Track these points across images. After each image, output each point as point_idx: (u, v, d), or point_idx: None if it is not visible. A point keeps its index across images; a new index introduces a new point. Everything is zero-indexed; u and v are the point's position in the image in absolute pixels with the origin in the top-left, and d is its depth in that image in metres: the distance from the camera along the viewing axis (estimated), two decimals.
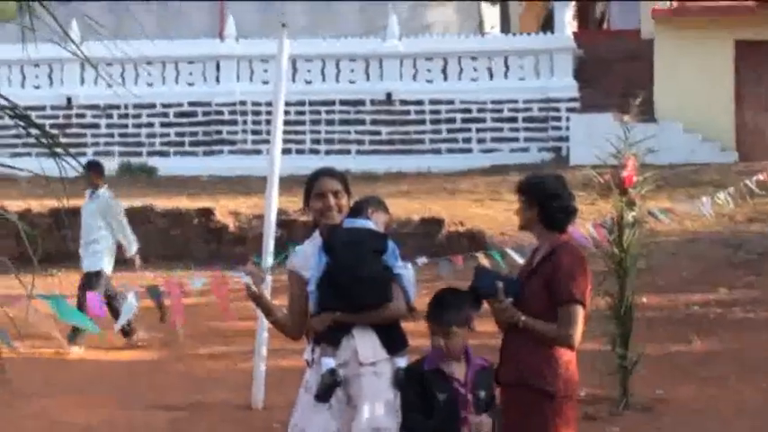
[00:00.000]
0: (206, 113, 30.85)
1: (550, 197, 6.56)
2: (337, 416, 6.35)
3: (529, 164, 26.41)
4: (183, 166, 29.68)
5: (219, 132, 30.72)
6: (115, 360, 13.25)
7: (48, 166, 16.25)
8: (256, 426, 10.93)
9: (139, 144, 30.99)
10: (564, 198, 6.61)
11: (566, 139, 28.34)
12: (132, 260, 15.20)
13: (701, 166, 24.36)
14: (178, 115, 31.03)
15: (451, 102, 29.65)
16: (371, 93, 30.08)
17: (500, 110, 29.49)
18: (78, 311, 8.71)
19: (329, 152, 28.91)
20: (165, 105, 31.06)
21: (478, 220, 21.04)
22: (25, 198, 15.45)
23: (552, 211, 6.55)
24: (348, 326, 6.44)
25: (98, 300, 8.34)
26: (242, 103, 30.65)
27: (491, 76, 29.76)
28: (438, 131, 29.70)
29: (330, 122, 30.06)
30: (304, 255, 6.76)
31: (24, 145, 26.40)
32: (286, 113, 12.13)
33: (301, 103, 29.02)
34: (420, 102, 29.81)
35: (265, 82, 29.62)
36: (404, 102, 29.86)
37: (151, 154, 30.69)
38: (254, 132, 30.05)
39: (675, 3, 31.61)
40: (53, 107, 30.42)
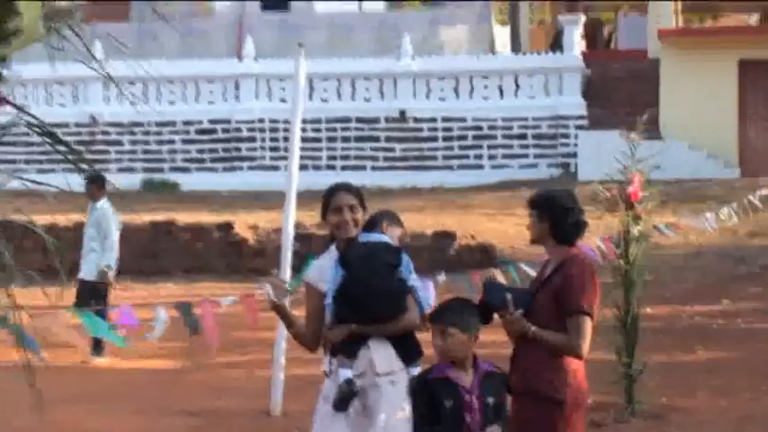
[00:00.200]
0: (226, 131, 30.96)
1: (562, 212, 6.57)
2: (354, 425, 6.34)
3: (538, 179, 26.48)
4: (204, 182, 29.90)
5: (239, 149, 30.83)
6: (138, 368, 13.26)
7: (73, 182, 16.37)
8: (275, 431, 10.93)
9: (161, 160, 31.14)
10: (575, 213, 6.60)
11: (574, 156, 28.40)
12: (103, 271, 14.72)
13: (705, 182, 24.36)
14: (199, 132, 31.15)
15: (463, 119, 29.71)
16: (386, 111, 30.16)
17: (510, 127, 29.51)
18: (107, 325, 8.67)
19: (345, 168, 29.00)
20: (187, 123, 31.18)
21: (489, 234, 21.11)
22: (52, 212, 15.52)
23: (563, 226, 6.57)
24: (364, 337, 6.43)
25: (128, 310, 8.32)
26: (260, 121, 30.75)
27: (501, 95, 29.80)
28: (450, 148, 29.74)
29: (346, 139, 30.16)
30: (320, 268, 6.74)
31: (50, 161, 26.53)
32: (303, 131, 12.19)
33: (318, 121, 29.11)
34: (433, 119, 29.86)
35: (283, 100, 29.76)
36: (417, 119, 29.93)
37: (173, 170, 30.86)
38: (272, 149, 30.14)
39: (681, 22, 31.77)
40: (78, 124, 30.57)
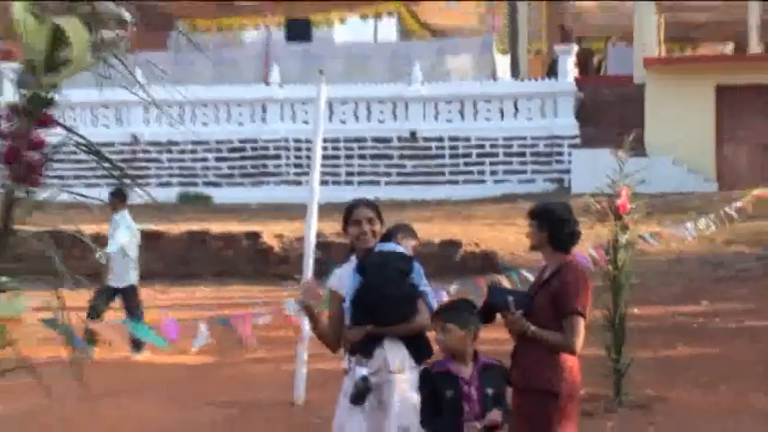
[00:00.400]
0: (254, 149, 30.95)
1: (559, 222, 6.61)
2: (370, 418, 6.37)
3: (536, 193, 26.40)
4: (234, 195, 29.87)
5: (265, 166, 30.83)
6: (176, 363, 13.26)
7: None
8: (298, 420, 10.92)
9: (196, 176, 31.15)
10: (570, 223, 6.65)
11: (568, 172, 28.31)
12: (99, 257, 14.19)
13: (686, 195, 24.32)
14: (230, 150, 31.13)
15: (468, 139, 29.65)
16: (398, 131, 30.12)
17: (510, 146, 29.43)
18: (148, 328, 8.65)
19: (361, 183, 29.01)
20: (219, 142, 31.17)
21: (491, 242, 21.04)
22: (97, 222, 15.65)
23: (560, 235, 6.60)
24: (379, 337, 6.44)
25: (172, 323, 8.27)
26: (285, 141, 30.74)
27: (502, 117, 29.73)
28: (456, 165, 29.69)
29: (362, 157, 30.12)
30: (340, 276, 6.75)
31: (96, 176, 26.49)
32: (324, 149, 12.15)
33: (337, 140, 29.09)
34: (440, 139, 29.81)
35: (305, 122, 29.68)
36: (426, 139, 29.87)
37: (206, 184, 30.88)
38: (295, 165, 30.12)
39: (664, 51, 31.72)
40: (121, 143, 30.57)
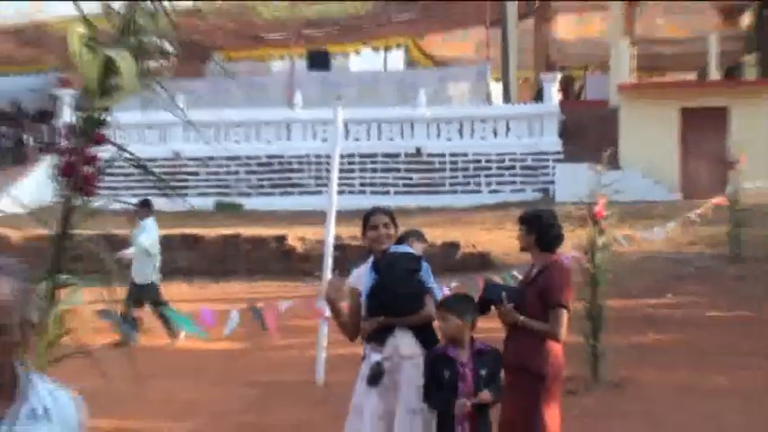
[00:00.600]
0: (279, 163, 31.04)
1: (546, 227, 6.70)
2: (384, 398, 6.42)
3: (524, 201, 26.31)
4: (263, 203, 29.99)
5: (290, 178, 30.91)
6: (212, 349, 13.17)
7: (159, 203, 16.44)
8: (319, 398, 10.98)
9: (229, 187, 31.19)
10: (556, 228, 6.75)
11: (552, 183, 28.37)
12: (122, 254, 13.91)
13: (654, 203, 24.27)
14: (259, 165, 31.21)
15: (466, 154, 29.74)
16: (405, 147, 30.18)
17: (502, 160, 29.52)
18: (184, 318, 8.60)
19: (373, 192, 28.99)
20: (249, 157, 31.24)
21: (487, 244, 21.05)
22: None
23: (547, 238, 6.69)
24: (391, 327, 6.48)
25: (209, 312, 8.30)
26: (306, 156, 30.81)
27: (495, 135, 29.81)
28: (455, 177, 29.78)
29: (374, 170, 30.22)
30: (358, 274, 6.79)
31: (142, 188, 26.51)
32: (340, 163, 12.28)
33: (352, 156, 29.13)
34: (442, 154, 29.90)
35: (324, 140, 29.90)
36: (430, 154, 29.94)
37: (238, 194, 30.95)
38: (316, 178, 30.19)
39: (635, 78, 31.81)
40: (164, 159, 30.53)
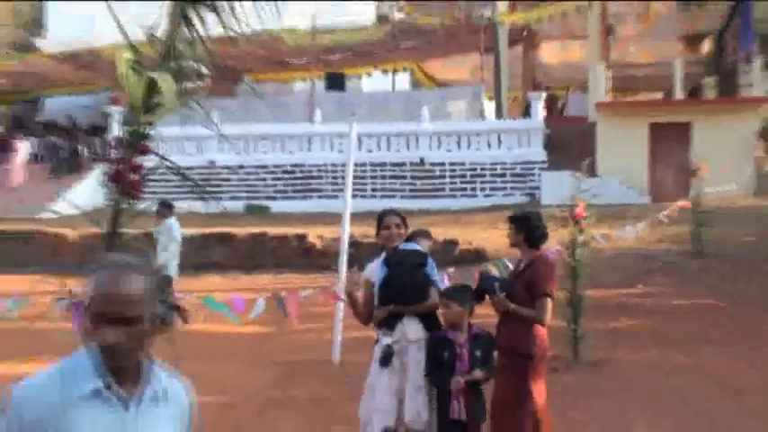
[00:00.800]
0: (302, 171, 31.04)
1: (534, 226, 6.76)
2: (394, 377, 6.45)
3: (514, 204, 26.28)
4: (287, 206, 30.02)
5: (310, 184, 30.92)
6: (241, 333, 12.94)
7: (196, 206, 16.70)
8: (335, 376, 11.03)
9: (258, 191, 31.19)
10: (541, 227, 6.81)
11: (538, 188, 28.33)
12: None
13: (627, 206, 24.19)
14: (283, 173, 31.21)
15: (463, 163, 29.75)
16: (410, 158, 30.18)
17: (495, 168, 29.51)
18: (222, 304, 8.60)
19: (382, 196, 28.96)
20: (275, 166, 31.24)
21: (481, 241, 21.02)
22: (183, 227, 15.75)
23: (534, 236, 6.75)
24: (400, 315, 6.53)
25: (240, 299, 8.30)
26: (325, 165, 30.82)
27: (489, 147, 29.78)
28: (454, 183, 29.78)
29: (383, 177, 30.23)
30: (371, 268, 6.83)
31: (182, 192, 26.62)
32: (354, 171, 12.38)
33: (364, 165, 29.10)
34: (442, 164, 29.88)
35: (340, 151, 29.89)
36: (432, 164, 29.94)
37: (266, 198, 30.92)
38: (333, 184, 30.20)
39: (610, 97, 31.88)
40: (200, 167, 30.50)
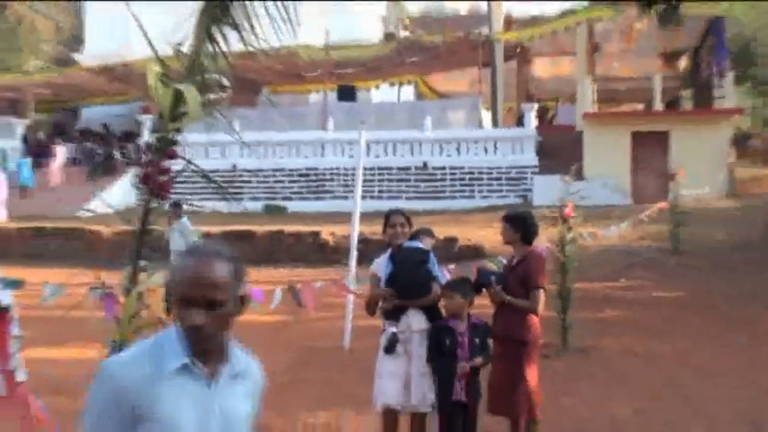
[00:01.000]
0: (315, 175, 31.07)
1: (529, 225, 6.78)
2: (399, 364, 6.47)
3: (509, 204, 26.32)
4: (302, 206, 30.05)
5: (323, 186, 30.96)
6: (260, 321, 12.64)
7: (219, 206, 16.75)
8: (346, 360, 11.03)
9: (276, 193, 31.22)
10: (534, 225, 6.82)
11: (531, 190, 28.35)
12: None
13: (612, 207, 24.10)
14: (299, 176, 31.23)
15: (462, 168, 29.77)
16: (414, 162, 30.20)
17: (491, 173, 29.55)
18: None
19: (389, 198, 28.95)
20: (291, 170, 31.28)
21: (479, 238, 21.00)
22: (208, 224, 15.71)
23: (529, 233, 6.76)
24: (405, 307, 6.54)
25: (259, 291, 8.27)
26: (337, 169, 30.86)
27: (486, 152, 29.80)
28: (454, 185, 29.79)
29: (389, 180, 30.23)
30: (379, 264, 6.80)
31: (206, 193, 26.69)
32: (363, 175, 12.43)
33: (372, 169, 29.11)
34: (444, 168, 29.91)
35: (350, 156, 29.94)
36: (434, 168, 29.98)
37: (283, 199, 30.96)
38: (344, 186, 30.19)
39: (596, 108, 31.93)
40: (224, 171, 30.59)
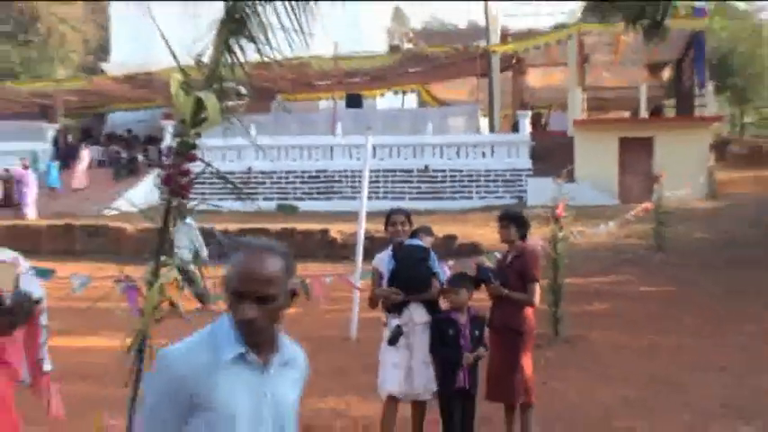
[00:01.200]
0: (325, 177, 31.04)
1: (523, 222, 6.87)
2: (402, 355, 6.47)
3: (504, 205, 25.98)
4: (312, 206, 29.85)
5: (332, 187, 30.91)
6: None
7: (235, 206, 16.65)
8: (353, 349, 11.05)
9: (288, 193, 31.21)
10: (527, 222, 6.90)
11: (525, 192, 28.28)
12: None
13: (600, 207, 23.94)
14: (309, 177, 31.22)
15: (461, 170, 29.72)
16: (416, 165, 30.17)
17: (489, 175, 29.51)
18: None
19: (393, 198, 28.79)
20: (302, 172, 31.27)
21: (476, 236, 20.92)
22: (225, 222, 15.72)
23: (523, 230, 6.84)
24: (407, 301, 6.54)
25: None
26: (345, 171, 30.81)
27: (483, 156, 29.75)
28: (454, 187, 29.73)
29: (393, 182, 30.18)
30: (380, 259, 6.80)
31: (223, 193, 26.69)
32: (369, 177, 12.46)
33: (378, 171, 29.09)
34: (444, 170, 29.86)
35: (358, 159, 29.78)
36: (435, 170, 29.92)
37: (294, 198, 30.88)
38: (351, 187, 30.10)
39: (586, 115, 31.88)
40: (240, 172, 30.48)
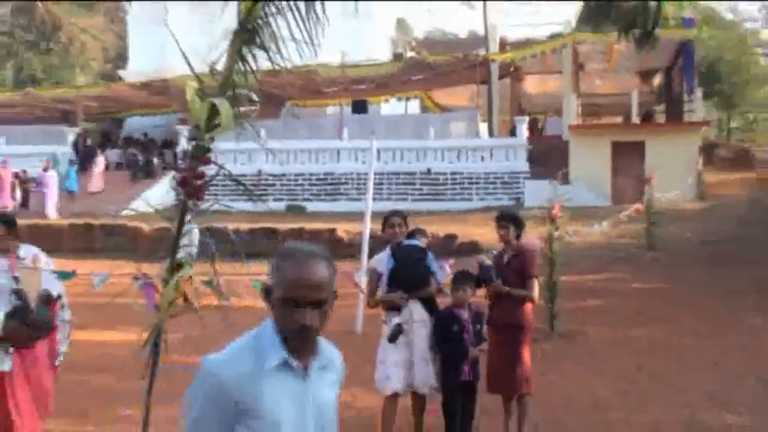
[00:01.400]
0: (332, 179, 30.92)
1: (519, 222, 6.84)
2: (402, 351, 6.43)
3: (502, 206, 25.92)
4: (320, 207, 29.82)
5: (339, 189, 30.78)
6: None
7: (247, 206, 16.42)
8: (359, 343, 10.79)
9: (297, 194, 31.06)
10: (522, 222, 6.89)
11: (522, 193, 28.14)
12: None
13: (594, 208, 24.00)
14: (317, 180, 31.10)
15: (462, 173, 29.58)
16: (419, 168, 30.03)
17: (488, 177, 29.35)
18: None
19: (396, 199, 28.75)
20: (310, 174, 31.16)
21: (476, 236, 20.81)
22: (237, 222, 15.73)
23: (519, 229, 6.80)
24: (406, 300, 6.51)
25: None
26: (351, 174, 30.69)
27: (483, 160, 29.64)
28: (455, 188, 29.58)
29: (397, 184, 30.06)
30: (379, 260, 6.78)
31: (235, 195, 26.60)
32: (374, 179, 12.34)
33: (382, 174, 28.91)
34: (445, 173, 29.71)
35: (363, 162, 29.59)
36: (436, 173, 29.76)
37: (303, 200, 30.78)
38: (357, 189, 29.91)
39: (580, 120, 31.64)
40: (251, 175, 30.45)
